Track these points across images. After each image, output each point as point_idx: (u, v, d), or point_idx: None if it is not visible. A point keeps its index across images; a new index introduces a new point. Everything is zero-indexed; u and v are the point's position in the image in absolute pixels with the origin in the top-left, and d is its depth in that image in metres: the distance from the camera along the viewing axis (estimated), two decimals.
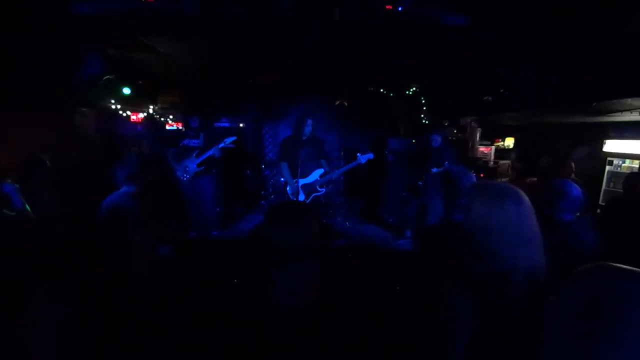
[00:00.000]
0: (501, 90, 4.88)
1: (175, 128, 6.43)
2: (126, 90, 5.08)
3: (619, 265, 0.56)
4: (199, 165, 4.40)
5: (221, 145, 4.35)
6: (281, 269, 0.91)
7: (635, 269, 0.54)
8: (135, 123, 6.24)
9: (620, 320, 0.50)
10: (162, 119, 6.62)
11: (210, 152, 4.34)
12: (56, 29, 3.54)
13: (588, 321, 0.53)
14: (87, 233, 2.25)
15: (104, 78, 4.66)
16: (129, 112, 6.03)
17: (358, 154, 4.10)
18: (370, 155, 4.08)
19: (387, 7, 2.94)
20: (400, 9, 2.94)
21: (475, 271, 0.97)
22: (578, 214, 1.99)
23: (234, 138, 4.43)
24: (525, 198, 1.02)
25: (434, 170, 4.35)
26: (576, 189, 1.86)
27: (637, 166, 4.77)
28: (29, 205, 2.08)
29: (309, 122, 3.92)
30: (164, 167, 4.58)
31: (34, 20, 3.31)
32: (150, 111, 6.35)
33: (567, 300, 0.58)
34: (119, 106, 5.61)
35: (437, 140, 4.51)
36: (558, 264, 1.30)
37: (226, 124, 6.50)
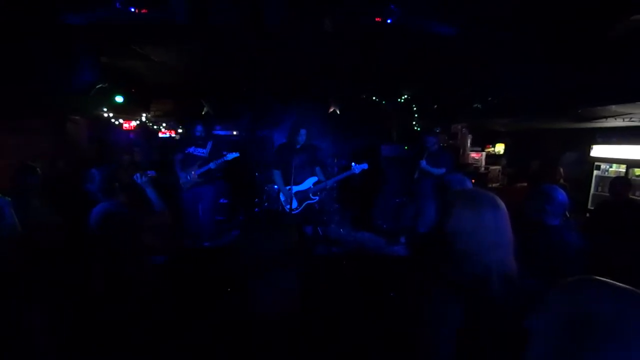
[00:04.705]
0: (489, 98, 4.97)
1: (168, 136, 6.42)
2: (119, 99, 5.07)
3: (603, 279, 0.57)
4: (199, 176, 4.39)
5: (222, 160, 4.32)
6: (259, 278, 0.92)
7: (620, 284, 0.56)
8: (127, 131, 6.23)
9: (608, 338, 0.51)
10: (155, 127, 6.61)
11: (210, 165, 4.33)
12: (49, 37, 3.55)
13: (575, 335, 0.54)
14: (78, 241, 2.23)
15: (97, 86, 4.65)
16: (121, 120, 6.02)
17: (352, 164, 4.06)
18: (365, 166, 4.04)
19: (376, 19, 2.99)
20: (389, 21, 2.99)
21: (455, 274, 1.00)
22: (565, 217, 2.03)
23: (237, 155, 4.35)
24: (500, 203, 1.05)
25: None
26: (562, 194, 1.89)
27: (624, 170, 4.89)
28: (20, 213, 2.05)
29: (303, 130, 3.92)
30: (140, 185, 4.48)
31: (27, 29, 3.32)
32: (143, 119, 6.34)
33: (553, 311, 0.59)
34: (111, 114, 5.60)
35: (432, 142, 4.35)
36: (544, 266, 1.34)
37: (224, 132, 6.47)
